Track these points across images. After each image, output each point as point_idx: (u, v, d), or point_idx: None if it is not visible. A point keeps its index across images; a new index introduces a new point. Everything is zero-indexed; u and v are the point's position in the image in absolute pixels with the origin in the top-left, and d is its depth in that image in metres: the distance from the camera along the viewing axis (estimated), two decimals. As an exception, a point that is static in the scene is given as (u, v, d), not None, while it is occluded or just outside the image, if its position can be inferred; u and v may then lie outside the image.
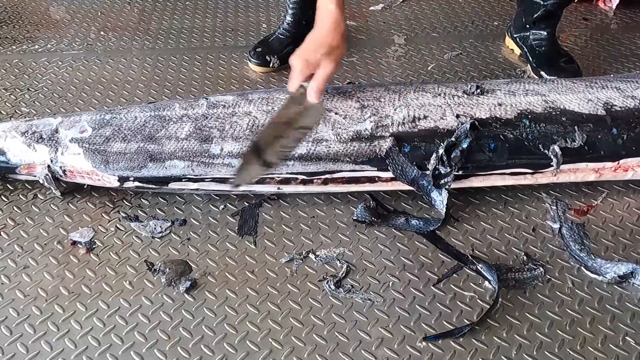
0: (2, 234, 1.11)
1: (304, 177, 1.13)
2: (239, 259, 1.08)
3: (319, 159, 1.11)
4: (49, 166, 1.13)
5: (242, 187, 1.12)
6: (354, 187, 1.16)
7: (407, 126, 1.13)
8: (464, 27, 1.84)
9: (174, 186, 1.14)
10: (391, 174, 1.12)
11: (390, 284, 1.03)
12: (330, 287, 1.02)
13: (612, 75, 1.43)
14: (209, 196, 1.19)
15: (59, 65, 1.62)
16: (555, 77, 1.45)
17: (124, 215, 1.15)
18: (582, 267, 1.06)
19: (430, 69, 1.63)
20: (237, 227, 1.14)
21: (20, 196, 1.19)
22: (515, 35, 1.65)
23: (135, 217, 1.15)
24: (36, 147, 1.14)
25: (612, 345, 0.94)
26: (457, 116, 1.14)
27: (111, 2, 1.96)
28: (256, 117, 1.15)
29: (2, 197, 1.19)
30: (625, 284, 1.04)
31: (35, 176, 1.15)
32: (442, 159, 1.10)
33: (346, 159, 1.11)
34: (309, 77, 1.10)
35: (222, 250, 1.09)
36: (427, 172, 1.10)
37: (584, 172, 1.17)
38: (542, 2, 1.53)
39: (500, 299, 0.99)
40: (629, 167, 1.17)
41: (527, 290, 1.02)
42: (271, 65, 1.59)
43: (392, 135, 1.11)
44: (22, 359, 0.91)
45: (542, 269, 1.05)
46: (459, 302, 1.00)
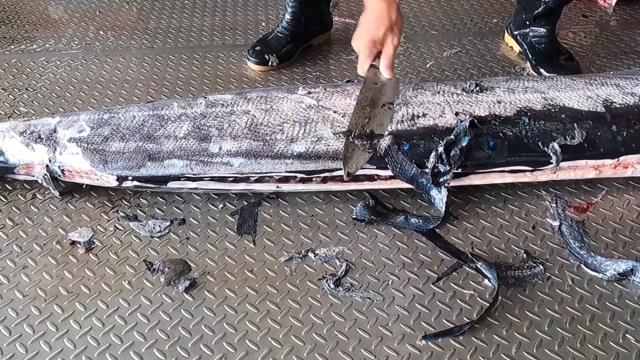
0: (0, 234, 1.11)
1: (303, 175, 1.13)
2: (238, 258, 1.07)
3: (317, 157, 1.11)
4: (47, 166, 1.13)
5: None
6: (353, 186, 1.16)
7: (406, 124, 1.13)
8: (463, 25, 1.84)
9: (172, 185, 1.14)
10: (390, 172, 1.12)
11: (389, 283, 1.03)
12: (329, 286, 1.02)
13: (611, 72, 1.43)
14: (208, 195, 1.19)
15: (58, 64, 1.62)
16: (554, 75, 1.45)
17: (123, 214, 1.15)
18: (582, 265, 1.06)
19: (429, 67, 1.63)
20: (236, 226, 1.13)
21: (19, 196, 1.19)
22: (514, 32, 1.64)
23: (134, 216, 1.15)
24: (34, 147, 1.14)
25: (612, 342, 0.94)
26: (456, 114, 1.13)
27: (109, 1, 1.95)
28: (255, 116, 1.15)
29: (1, 197, 1.19)
30: (625, 282, 1.03)
31: (33, 176, 1.15)
32: (442, 157, 1.09)
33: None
34: (376, 56, 1.13)
35: (222, 249, 1.09)
36: (427, 170, 1.10)
37: (584, 169, 1.16)
38: (542, -1, 1.53)
39: (500, 297, 0.99)
40: (629, 164, 1.17)
41: (527, 288, 1.02)
42: (270, 64, 1.59)
43: (391, 133, 1.11)
44: (21, 359, 0.91)
45: (541, 267, 1.05)
46: (458, 300, 1.00)
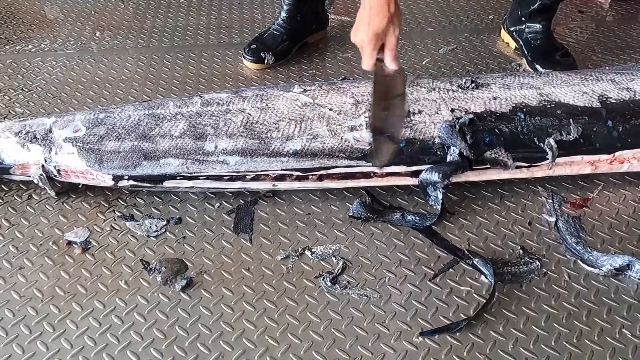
0: (-3, 234, 1.11)
1: (299, 173, 1.13)
2: (234, 256, 1.07)
3: (313, 155, 1.11)
4: (43, 166, 1.13)
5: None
6: (350, 183, 1.16)
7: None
8: (459, 21, 1.83)
9: (168, 184, 1.14)
10: (387, 170, 1.12)
11: (386, 280, 1.03)
12: (326, 284, 1.02)
13: (607, 67, 1.43)
14: (204, 194, 1.19)
15: (53, 64, 1.61)
16: (550, 71, 1.44)
17: (119, 214, 1.15)
18: (579, 260, 1.06)
19: (425, 64, 1.63)
20: (232, 225, 1.13)
21: (15, 197, 1.19)
22: (511, 28, 1.64)
23: (130, 216, 1.15)
24: (30, 147, 1.13)
25: (608, 337, 0.94)
26: (452, 110, 1.13)
27: (105, 0, 1.95)
28: (250, 114, 1.15)
29: (-3, 198, 1.19)
30: (621, 277, 1.03)
31: (29, 176, 1.15)
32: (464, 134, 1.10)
33: (341, 154, 1.11)
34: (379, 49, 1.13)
35: (218, 248, 1.09)
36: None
37: (580, 164, 1.16)
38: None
39: (496, 293, 0.99)
40: (625, 159, 1.17)
41: (524, 284, 1.02)
42: (266, 61, 1.59)
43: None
44: (18, 360, 0.91)
45: (538, 263, 1.05)
46: (455, 297, 1.00)
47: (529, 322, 0.96)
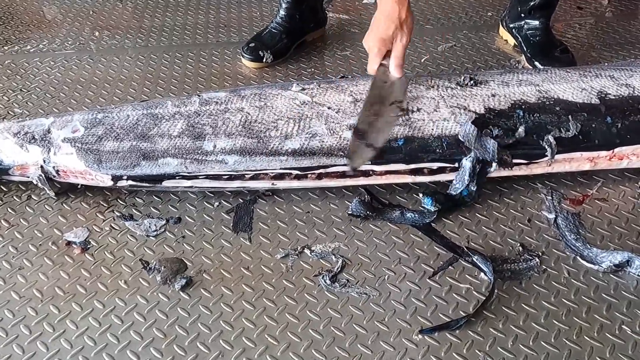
0: (-4, 235, 1.11)
1: (298, 172, 1.13)
2: (234, 255, 1.07)
3: (312, 153, 1.11)
4: (42, 166, 1.13)
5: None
6: (349, 182, 1.15)
7: (400, 119, 1.13)
8: (458, 19, 1.83)
9: (167, 184, 1.14)
10: (385, 168, 1.12)
11: (385, 278, 1.03)
12: (325, 282, 1.02)
13: (605, 63, 1.43)
14: (203, 193, 1.19)
15: (52, 65, 1.61)
16: (549, 67, 1.44)
17: (119, 214, 1.15)
18: (578, 257, 1.06)
19: (423, 61, 1.62)
20: (232, 224, 1.13)
21: (14, 197, 1.19)
22: (509, 25, 1.64)
23: (129, 216, 1.15)
24: (29, 148, 1.13)
25: (608, 334, 0.94)
26: (490, 127, 1.13)
27: (103, 0, 1.95)
28: (249, 113, 1.15)
29: (-4, 199, 1.19)
30: (621, 273, 1.03)
31: (28, 177, 1.15)
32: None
33: (340, 153, 1.11)
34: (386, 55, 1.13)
35: (217, 247, 1.09)
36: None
37: (579, 161, 1.16)
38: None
39: (496, 291, 0.99)
40: (624, 156, 1.17)
41: (523, 281, 1.02)
42: (264, 60, 1.59)
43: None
44: (18, 360, 0.91)
45: (537, 260, 1.05)
46: (454, 294, 1.00)
47: (528, 319, 0.96)
